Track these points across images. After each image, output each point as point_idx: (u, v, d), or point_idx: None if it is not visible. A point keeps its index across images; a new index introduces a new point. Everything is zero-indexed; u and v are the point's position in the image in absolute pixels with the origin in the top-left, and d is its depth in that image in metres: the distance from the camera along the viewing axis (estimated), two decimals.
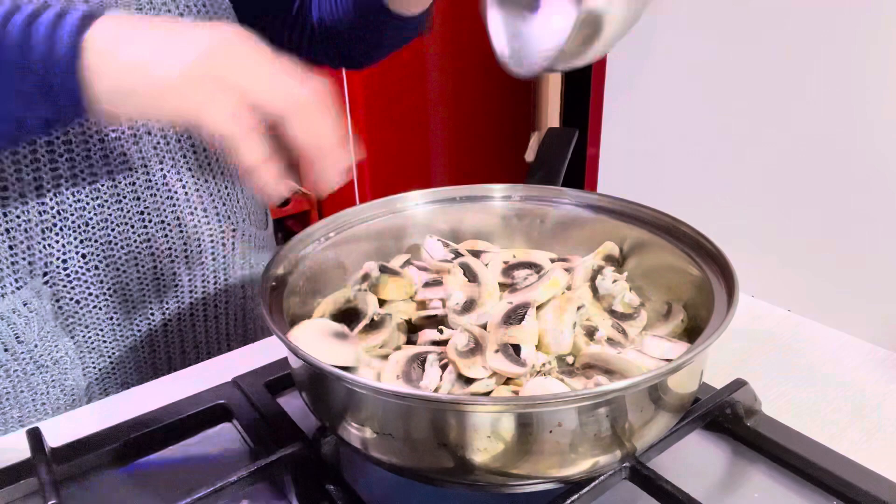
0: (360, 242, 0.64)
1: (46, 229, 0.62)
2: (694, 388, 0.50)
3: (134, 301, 0.69)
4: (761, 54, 0.77)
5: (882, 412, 0.61)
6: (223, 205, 0.72)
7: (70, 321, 0.66)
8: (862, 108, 0.70)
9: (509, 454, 0.42)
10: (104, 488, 0.55)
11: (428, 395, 0.46)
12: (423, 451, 0.44)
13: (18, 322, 0.63)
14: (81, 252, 0.64)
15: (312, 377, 0.48)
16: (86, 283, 0.65)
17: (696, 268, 0.55)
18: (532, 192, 0.68)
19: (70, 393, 0.68)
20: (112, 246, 0.65)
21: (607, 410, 0.42)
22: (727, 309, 0.48)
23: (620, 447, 0.44)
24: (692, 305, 0.56)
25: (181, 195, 0.68)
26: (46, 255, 0.63)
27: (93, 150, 0.62)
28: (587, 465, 0.44)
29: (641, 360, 0.49)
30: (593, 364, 0.50)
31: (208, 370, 0.68)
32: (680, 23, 0.85)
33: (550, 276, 0.56)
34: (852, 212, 0.73)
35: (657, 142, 0.93)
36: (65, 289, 0.64)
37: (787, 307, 0.79)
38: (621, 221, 0.63)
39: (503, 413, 0.41)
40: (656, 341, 0.52)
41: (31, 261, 0.62)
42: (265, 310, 0.49)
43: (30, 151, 0.59)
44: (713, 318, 0.49)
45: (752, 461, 0.55)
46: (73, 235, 0.63)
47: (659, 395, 0.45)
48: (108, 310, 0.68)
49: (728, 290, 0.50)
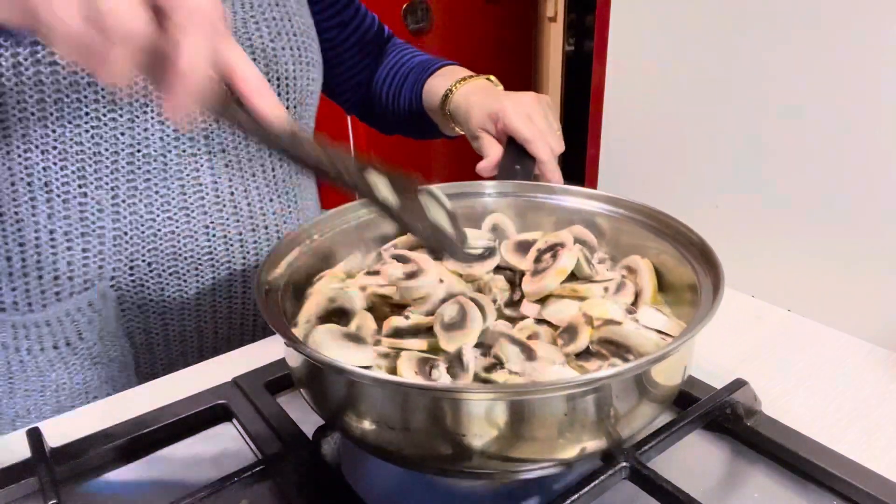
0: (350, 240, 0.64)
1: (118, 237, 0.65)
2: (678, 378, 0.50)
3: (190, 309, 0.72)
4: (762, 54, 0.77)
5: (882, 412, 0.61)
6: (284, 222, 0.75)
7: (131, 325, 0.70)
8: (863, 108, 0.70)
9: (513, 439, 0.43)
10: (104, 488, 0.55)
11: (447, 386, 0.46)
12: (434, 440, 0.44)
13: (82, 320, 0.67)
14: (148, 261, 0.67)
15: (317, 375, 0.48)
16: (150, 290, 0.68)
17: (687, 265, 0.55)
18: (526, 190, 0.68)
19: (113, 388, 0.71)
20: (177, 257, 0.68)
21: (595, 398, 0.43)
22: (713, 299, 0.48)
23: (609, 435, 0.45)
24: (689, 304, 0.56)
25: (245, 212, 0.71)
26: (116, 261, 0.66)
27: (169, 165, 0.65)
28: (577, 450, 0.45)
29: (646, 334, 0.50)
30: (610, 339, 0.50)
31: (208, 370, 0.68)
32: (680, 23, 0.85)
33: None
34: (853, 212, 0.73)
35: (657, 142, 0.93)
36: (128, 294, 0.68)
37: (787, 307, 0.79)
38: (621, 221, 0.63)
39: (501, 400, 0.42)
40: (651, 311, 0.53)
41: (101, 265, 0.66)
42: (266, 313, 0.48)
43: (111, 162, 0.63)
44: (700, 310, 0.49)
45: (752, 461, 0.55)
46: (141, 245, 0.66)
47: (645, 386, 0.45)
48: (166, 317, 0.71)
49: (714, 283, 0.51)
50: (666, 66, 0.88)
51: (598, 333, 0.51)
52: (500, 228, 0.66)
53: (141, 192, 0.65)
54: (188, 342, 0.74)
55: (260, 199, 0.72)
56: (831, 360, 0.69)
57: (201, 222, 0.68)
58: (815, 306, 0.77)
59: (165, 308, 0.70)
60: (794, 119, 0.76)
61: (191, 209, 0.68)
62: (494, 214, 0.67)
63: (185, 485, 0.49)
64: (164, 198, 0.66)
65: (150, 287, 0.68)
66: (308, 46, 0.74)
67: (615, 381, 0.43)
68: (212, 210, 0.68)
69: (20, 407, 0.68)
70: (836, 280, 0.76)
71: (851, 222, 0.73)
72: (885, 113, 0.68)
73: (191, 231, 0.68)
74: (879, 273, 0.72)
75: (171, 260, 0.68)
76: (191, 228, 0.68)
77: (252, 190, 0.71)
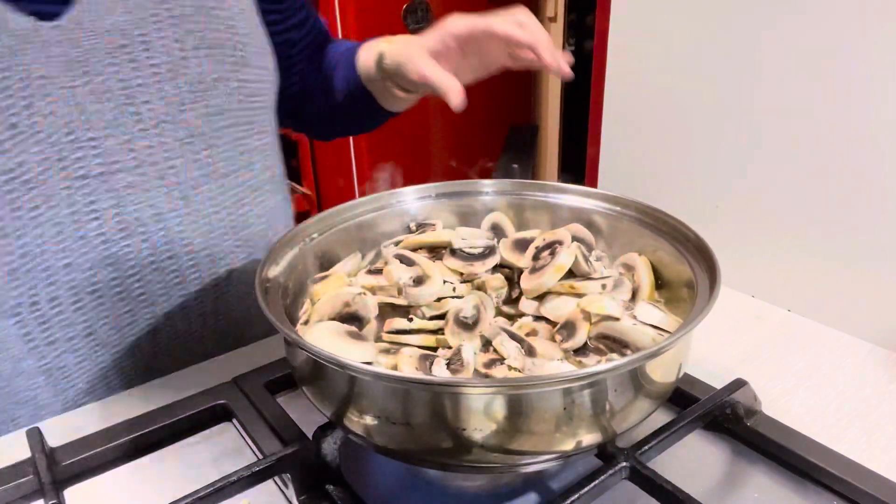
0: (349, 239, 0.64)
1: (11, 271, 0.60)
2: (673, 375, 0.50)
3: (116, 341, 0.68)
4: (762, 54, 0.77)
5: (882, 412, 0.61)
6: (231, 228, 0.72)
7: (44, 361, 0.65)
8: (863, 108, 0.70)
9: (512, 432, 0.43)
10: (104, 488, 0.55)
11: (448, 380, 0.46)
12: (435, 434, 0.44)
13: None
14: (52, 295, 0.63)
15: (319, 372, 0.48)
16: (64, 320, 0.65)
17: (684, 263, 0.55)
18: (524, 188, 0.68)
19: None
20: (78, 290, 0.64)
21: (592, 392, 0.43)
22: (709, 295, 0.48)
23: (604, 429, 0.46)
24: (686, 301, 0.56)
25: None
26: (15, 297, 0.61)
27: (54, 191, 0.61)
28: (574, 444, 0.45)
29: (643, 329, 0.50)
30: (608, 335, 0.51)
31: (208, 370, 0.68)
32: (680, 23, 0.85)
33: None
34: (853, 212, 0.73)
35: (657, 142, 0.93)
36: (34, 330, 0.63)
37: (787, 307, 0.79)
38: (619, 219, 0.63)
39: (500, 394, 0.42)
40: (648, 307, 0.53)
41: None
42: (267, 311, 0.48)
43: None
44: (696, 307, 0.49)
45: (752, 461, 0.55)
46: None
47: (640, 381, 0.46)
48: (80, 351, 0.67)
49: (710, 280, 0.51)
50: (666, 66, 0.88)
51: (595, 329, 0.51)
52: (499, 227, 0.66)
53: (26, 222, 0.59)
54: (109, 378, 0.70)
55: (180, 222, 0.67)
56: (831, 360, 0.69)
57: (103, 252, 0.63)
58: (815, 306, 0.77)
59: (85, 341, 0.66)
60: (794, 119, 0.76)
61: (88, 238, 0.62)
62: (494, 213, 0.67)
63: (185, 485, 0.49)
64: (57, 227, 0.61)
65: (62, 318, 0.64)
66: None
67: (611, 375, 0.43)
68: (116, 238, 0.63)
69: None
70: (836, 280, 0.76)
71: (851, 222, 0.73)
72: (885, 113, 0.68)
73: (90, 262, 0.63)
74: (879, 273, 0.72)
75: (74, 294, 0.63)
76: (90, 259, 0.63)
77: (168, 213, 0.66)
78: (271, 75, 0.74)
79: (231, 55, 0.67)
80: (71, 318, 0.64)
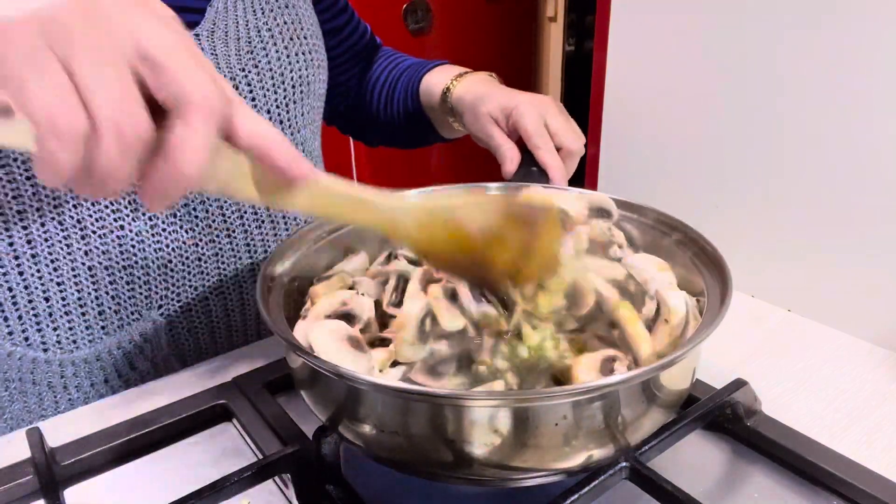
0: (356, 238, 0.63)
1: (162, 266, 0.66)
2: (687, 383, 0.50)
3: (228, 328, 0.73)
4: (762, 54, 0.77)
5: (882, 412, 0.61)
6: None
7: (181, 347, 0.71)
8: (863, 107, 0.70)
9: (513, 447, 0.42)
10: (104, 488, 0.55)
11: (449, 392, 0.46)
12: (435, 447, 0.44)
13: (133, 351, 0.68)
14: (193, 285, 0.68)
15: (318, 378, 0.48)
16: (198, 314, 0.70)
17: (695, 270, 0.55)
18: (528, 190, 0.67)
19: None
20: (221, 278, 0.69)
21: (601, 405, 0.43)
22: (720, 305, 0.48)
23: (616, 440, 0.45)
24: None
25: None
26: (163, 290, 0.67)
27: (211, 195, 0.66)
28: (583, 459, 0.45)
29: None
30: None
31: (208, 370, 0.68)
32: (680, 22, 0.85)
33: None
34: (853, 211, 0.73)
35: (657, 142, 0.93)
36: (177, 319, 0.69)
37: (787, 307, 0.79)
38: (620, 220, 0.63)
39: (503, 407, 0.42)
40: (643, 256, 0.55)
41: (148, 294, 0.66)
42: (265, 314, 0.48)
43: None
44: (706, 315, 0.49)
45: (752, 461, 0.55)
46: (186, 271, 0.67)
47: (652, 392, 0.45)
48: (216, 336, 0.72)
49: (722, 292, 0.51)
50: (666, 65, 0.88)
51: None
52: None
53: (181, 216, 0.65)
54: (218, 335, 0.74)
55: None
56: (831, 360, 0.69)
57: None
58: (815, 306, 0.77)
59: (213, 327, 0.72)
60: (793, 119, 0.76)
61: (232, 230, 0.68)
62: None
63: (185, 485, 0.49)
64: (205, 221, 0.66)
65: (197, 309, 0.69)
66: (318, 49, 0.73)
67: (622, 387, 0.43)
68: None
69: None
70: (836, 280, 0.76)
71: (851, 222, 0.73)
72: (885, 113, 0.68)
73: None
74: (879, 273, 0.72)
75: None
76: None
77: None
78: (325, 66, 0.77)
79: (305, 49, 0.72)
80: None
